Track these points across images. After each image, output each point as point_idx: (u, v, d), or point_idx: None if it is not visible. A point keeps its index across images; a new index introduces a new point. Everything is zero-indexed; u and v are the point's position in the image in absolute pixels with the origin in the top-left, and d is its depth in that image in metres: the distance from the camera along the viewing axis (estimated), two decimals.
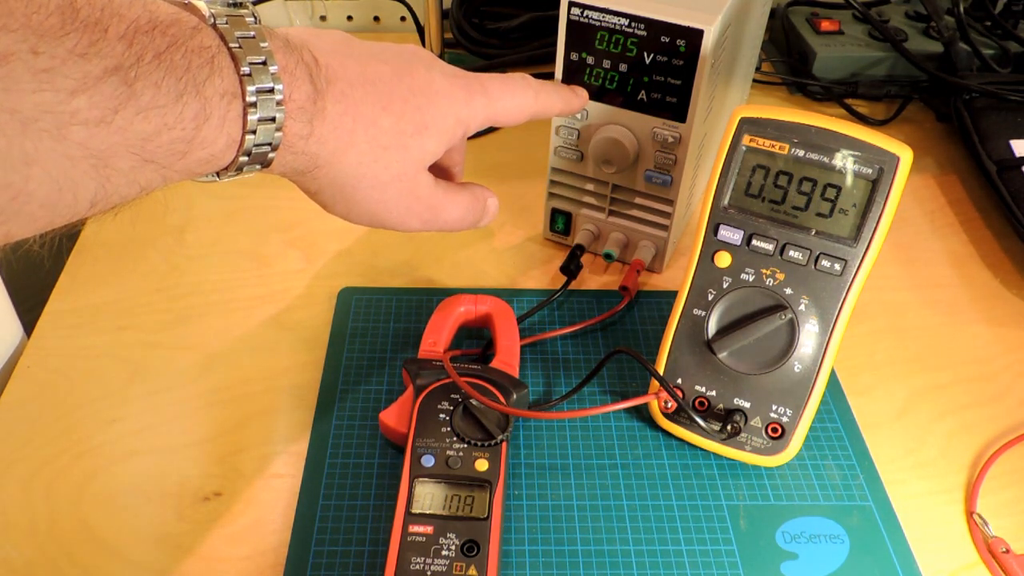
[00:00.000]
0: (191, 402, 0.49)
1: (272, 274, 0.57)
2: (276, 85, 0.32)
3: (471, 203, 0.44)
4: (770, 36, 0.85)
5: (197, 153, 0.30)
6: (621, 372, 0.51)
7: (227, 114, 0.30)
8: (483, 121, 0.42)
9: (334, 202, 0.39)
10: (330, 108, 0.35)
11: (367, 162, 0.37)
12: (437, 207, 0.42)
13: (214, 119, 0.30)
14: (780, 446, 0.45)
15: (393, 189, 0.39)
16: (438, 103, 0.39)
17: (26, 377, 0.50)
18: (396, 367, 0.51)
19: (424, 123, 0.39)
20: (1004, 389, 0.52)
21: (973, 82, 0.70)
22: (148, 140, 0.28)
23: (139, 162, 0.28)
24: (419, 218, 0.41)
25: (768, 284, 0.44)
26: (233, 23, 0.31)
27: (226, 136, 0.31)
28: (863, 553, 0.43)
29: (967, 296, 0.59)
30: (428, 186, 0.41)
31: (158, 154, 0.29)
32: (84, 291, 0.55)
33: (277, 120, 0.32)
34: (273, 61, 0.32)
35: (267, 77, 0.31)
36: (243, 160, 0.32)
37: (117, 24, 0.27)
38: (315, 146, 0.35)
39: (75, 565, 0.41)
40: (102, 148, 0.27)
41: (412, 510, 0.40)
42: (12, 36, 0.24)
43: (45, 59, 0.25)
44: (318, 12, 0.86)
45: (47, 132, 0.25)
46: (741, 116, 0.44)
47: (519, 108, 0.44)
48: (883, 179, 0.42)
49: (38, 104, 0.25)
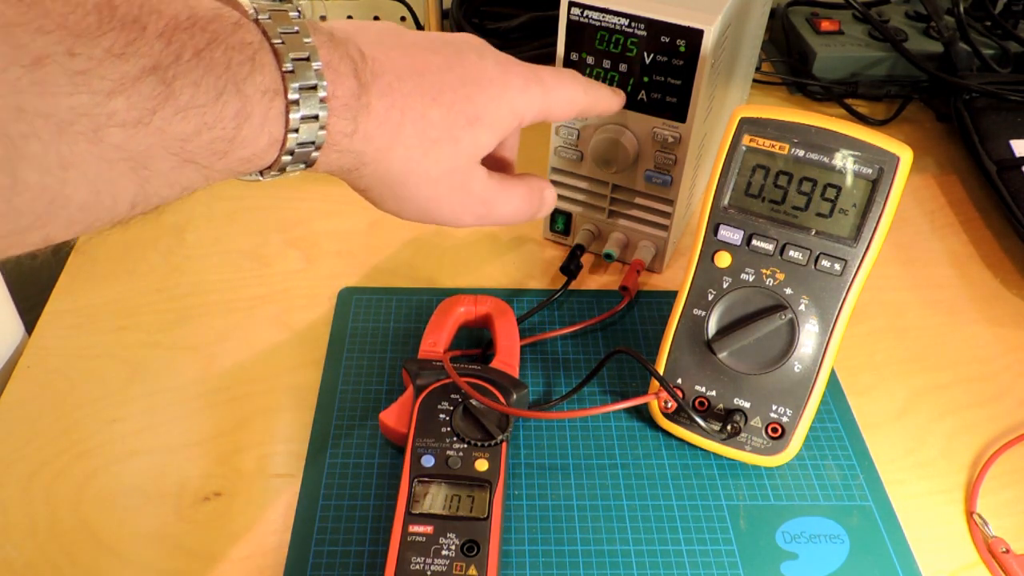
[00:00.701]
0: (191, 402, 0.49)
1: (272, 274, 0.57)
2: (320, 82, 0.31)
3: (527, 195, 0.43)
4: (770, 36, 0.84)
5: (238, 152, 0.29)
6: (621, 372, 0.51)
7: (268, 112, 0.29)
8: (537, 112, 0.41)
9: (383, 199, 0.38)
10: (375, 103, 0.34)
11: (416, 157, 0.36)
12: (491, 201, 0.40)
13: (255, 117, 0.29)
14: (780, 446, 0.45)
15: (444, 184, 0.37)
16: (490, 92, 0.38)
17: (26, 377, 0.50)
18: (396, 367, 0.51)
19: (476, 114, 0.37)
20: (1004, 389, 0.52)
21: (973, 82, 0.70)
22: (187, 140, 0.27)
23: (179, 163, 0.28)
24: (473, 213, 0.40)
25: (768, 284, 0.44)
26: (276, 18, 0.30)
27: (268, 135, 0.30)
28: (863, 553, 0.43)
29: (967, 296, 0.59)
30: (481, 180, 0.39)
31: (198, 154, 0.28)
32: (84, 291, 0.55)
33: (320, 118, 0.31)
34: (317, 57, 0.31)
35: (311, 74, 0.30)
36: (286, 159, 0.31)
37: (156, 21, 0.26)
38: (360, 143, 0.34)
39: (75, 565, 0.41)
40: (140, 149, 0.26)
41: (412, 510, 0.40)
42: (48, 38, 0.23)
43: (82, 60, 0.24)
44: (318, 12, 0.86)
45: (83, 135, 0.25)
46: (741, 116, 0.44)
47: (571, 101, 0.43)
48: (883, 179, 0.42)
49: (74, 107, 0.24)
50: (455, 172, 0.38)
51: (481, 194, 0.40)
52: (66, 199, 0.25)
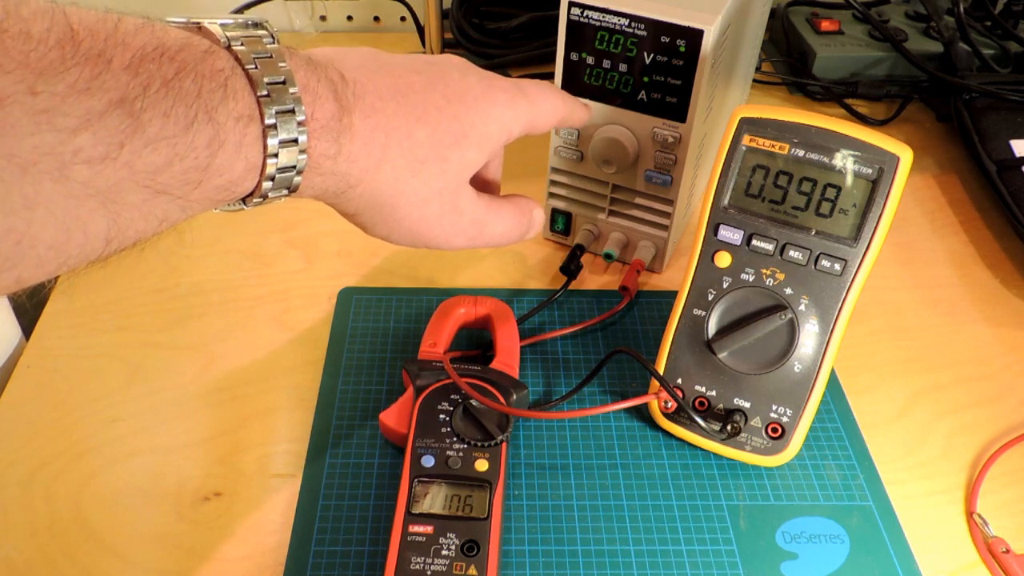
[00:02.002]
0: (191, 402, 0.49)
1: (272, 274, 0.57)
2: (298, 106, 0.30)
3: (516, 216, 0.42)
4: (770, 36, 0.85)
5: (214, 180, 0.28)
6: (621, 372, 0.51)
7: (244, 139, 0.29)
8: (524, 126, 0.40)
9: (374, 223, 0.37)
10: (359, 124, 0.33)
11: (404, 178, 0.35)
12: (481, 222, 0.40)
13: (229, 145, 0.28)
14: (780, 446, 0.45)
15: (434, 205, 0.37)
16: (476, 109, 0.38)
17: (26, 377, 0.50)
18: (396, 367, 0.51)
19: (462, 132, 0.37)
20: (1004, 389, 0.52)
21: (973, 82, 0.70)
22: (158, 172, 0.26)
23: (151, 194, 0.27)
24: (464, 235, 0.40)
25: (768, 284, 0.44)
26: (249, 44, 0.30)
27: (244, 161, 0.29)
28: (863, 553, 0.43)
29: (967, 296, 0.59)
30: (471, 200, 0.39)
31: (171, 185, 0.27)
32: (84, 291, 0.55)
33: (300, 142, 0.30)
34: (293, 81, 0.30)
35: (287, 97, 0.30)
36: (267, 186, 0.31)
37: (122, 53, 0.25)
38: (345, 165, 0.33)
39: (75, 565, 0.41)
40: (108, 185, 0.25)
41: (412, 510, 0.40)
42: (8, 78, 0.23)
43: (44, 99, 0.23)
44: (318, 12, 0.86)
45: (48, 174, 0.24)
46: (741, 116, 0.44)
47: (553, 112, 0.43)
48: (883, 179, 0.42)
49: (37, 147, 0.23)
50: (444, 192, 0.37)
51: (472, 215, 0.39)
52: (33, 239, 0.24)
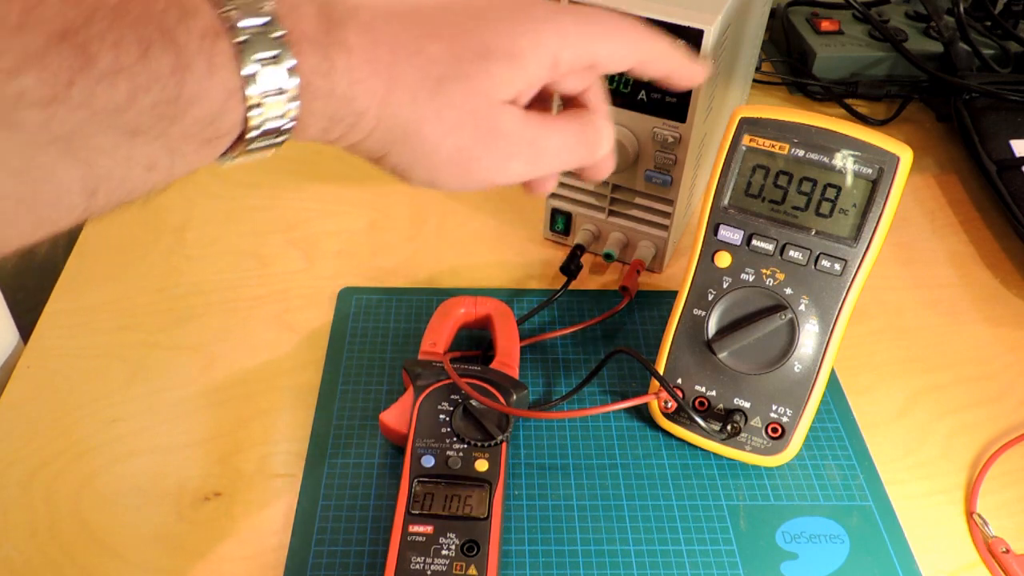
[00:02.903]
0: (191, 402, 0.49)
1: (272, 274, 0.57)
2: (272, 21, 0.27)
3: (578, 129, 0.37)
4: (770, 36, 0.85)
5: (192, 112, 0.25)
6: (621, 372, 0.51)
7: (213, 59, 0.25)
8: (580, 52, 0.34)
9: (409, 164, 0.33)
10: (354, 39, 0.29)
11: (423, 99, 0.31)
12: (535, 140, 0.35)
13: (198, 67, 0.25)
14: (780, 446, 0.45)
15: (468, 130, 0.32)
16: (502, 21, 0.33)
17: (26, 377, 0.50)
18: (396, 367, 0.51)
19: (484, 46, 0.32)
20: (1004, 389, 0.52)
21: (973, 82, 0.70)
22: (122, 109, 0.24)
23: (123, 136, 0.24)
24: (519, 157, 0.34)
25: (768, 284, 0.44)
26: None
27: (220, 85, 0.26)
28: (863, 553, 0.43)
29: (967, 296, 0.59)
30: (515, 118, 0.34)
31: (143, 123, 0.24)
32: (84, 291, 0.55)
33: (281, 58, 0.27)
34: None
35: (257, 11, 0.26)
36: (256, 116, 0.27)
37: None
38: (346, 85, 0.29)
39: (75, 565, 0.41)
40: (68, 129, 0.23)
41: (412, 510, 0.40)
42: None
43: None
44: None
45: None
46: (741, 116, 0.44)
47: (627, 46, 0.36)
48: (883, 179, 0.42)
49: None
50: (475, 114, 0.32)
51: (520, 133, 0.34)
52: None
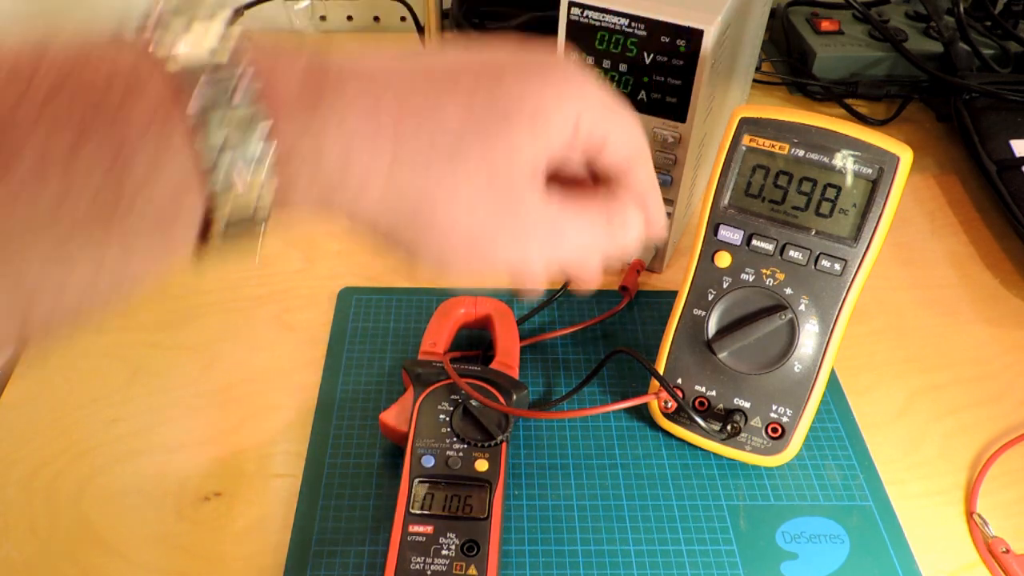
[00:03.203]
0: (191, 402, 0.49)
1: (272, 274, 0.57)
2: (235, 80, 0.23)
3: (600, 214, 0.33)
4: (770, 36, 0.84)
5: (138, 205, 0.22)
6: (621, 372, 0.51)
7: (163, 140, 0.22)
8: (597, 115, 0.31)
9: (418, 244, 0.30)
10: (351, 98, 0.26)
11: (438, 164, 0.27)
12: (558, 222, 0.31)
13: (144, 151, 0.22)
14: (780, 446, 0.45)
15: (487, 204, 0.29)
16: (521, 80, 0.29)
17: (26, 377, 0.50)
18: (396, 367, 0.51)
19: (505, 105, 0.28)
20: (1004, 389, 0.52)
21: (973, 82, 0.70)
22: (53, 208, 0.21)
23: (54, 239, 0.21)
24: (539, 241, 0.31)
25: (768, 284, 0.44)
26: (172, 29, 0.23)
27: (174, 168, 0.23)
28: (863, 553, 0.43)
29: (967, 296, 0.59)
30: (537, 192, 0.30)
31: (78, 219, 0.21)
32: None
33: (253, 124, 0.24)
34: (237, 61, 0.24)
35: (221, 77, 0.23)
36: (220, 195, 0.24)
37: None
38: (337, 152, 0.26)
39: (75, 565, 0.41)
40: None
41: (412, 510, 0.40)
42: None
43: None
44: (318, 12, 0.86)
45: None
46: (741, 116, 0.44)
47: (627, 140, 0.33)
48: (883, 179, 0.42)
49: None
50: (494, 183, 0.29)
51: (541, 210, 0.30)
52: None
